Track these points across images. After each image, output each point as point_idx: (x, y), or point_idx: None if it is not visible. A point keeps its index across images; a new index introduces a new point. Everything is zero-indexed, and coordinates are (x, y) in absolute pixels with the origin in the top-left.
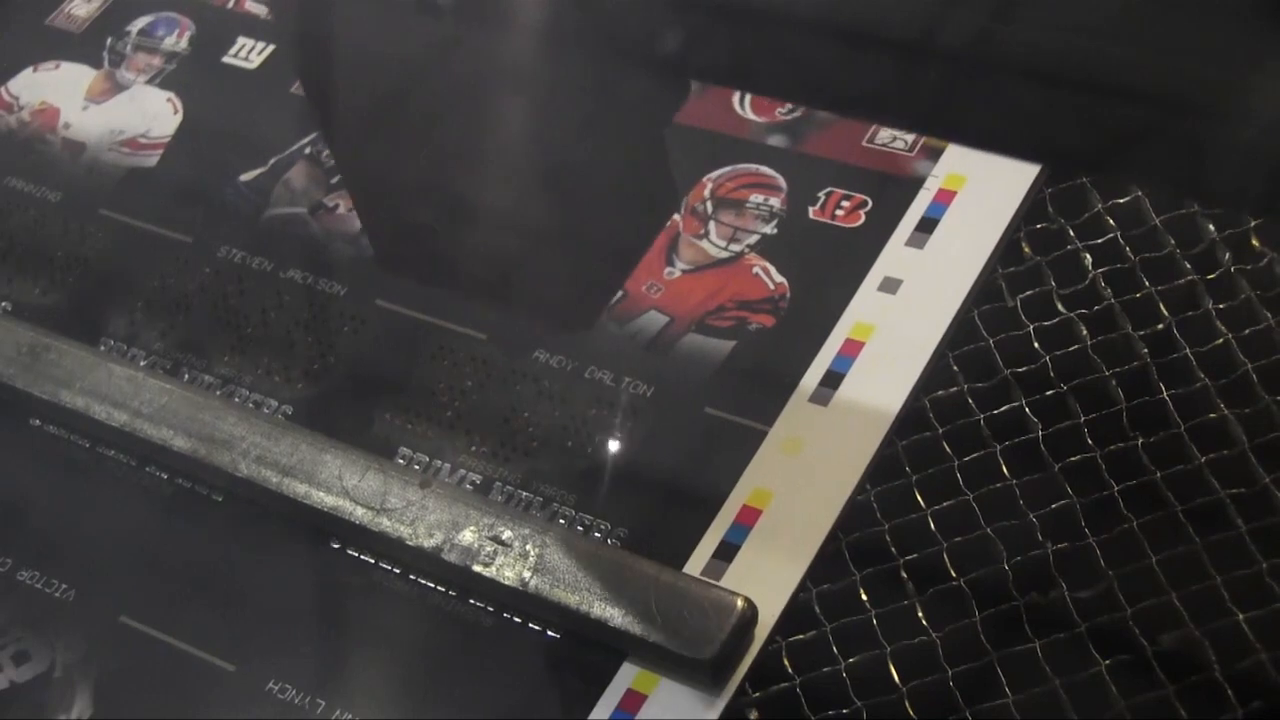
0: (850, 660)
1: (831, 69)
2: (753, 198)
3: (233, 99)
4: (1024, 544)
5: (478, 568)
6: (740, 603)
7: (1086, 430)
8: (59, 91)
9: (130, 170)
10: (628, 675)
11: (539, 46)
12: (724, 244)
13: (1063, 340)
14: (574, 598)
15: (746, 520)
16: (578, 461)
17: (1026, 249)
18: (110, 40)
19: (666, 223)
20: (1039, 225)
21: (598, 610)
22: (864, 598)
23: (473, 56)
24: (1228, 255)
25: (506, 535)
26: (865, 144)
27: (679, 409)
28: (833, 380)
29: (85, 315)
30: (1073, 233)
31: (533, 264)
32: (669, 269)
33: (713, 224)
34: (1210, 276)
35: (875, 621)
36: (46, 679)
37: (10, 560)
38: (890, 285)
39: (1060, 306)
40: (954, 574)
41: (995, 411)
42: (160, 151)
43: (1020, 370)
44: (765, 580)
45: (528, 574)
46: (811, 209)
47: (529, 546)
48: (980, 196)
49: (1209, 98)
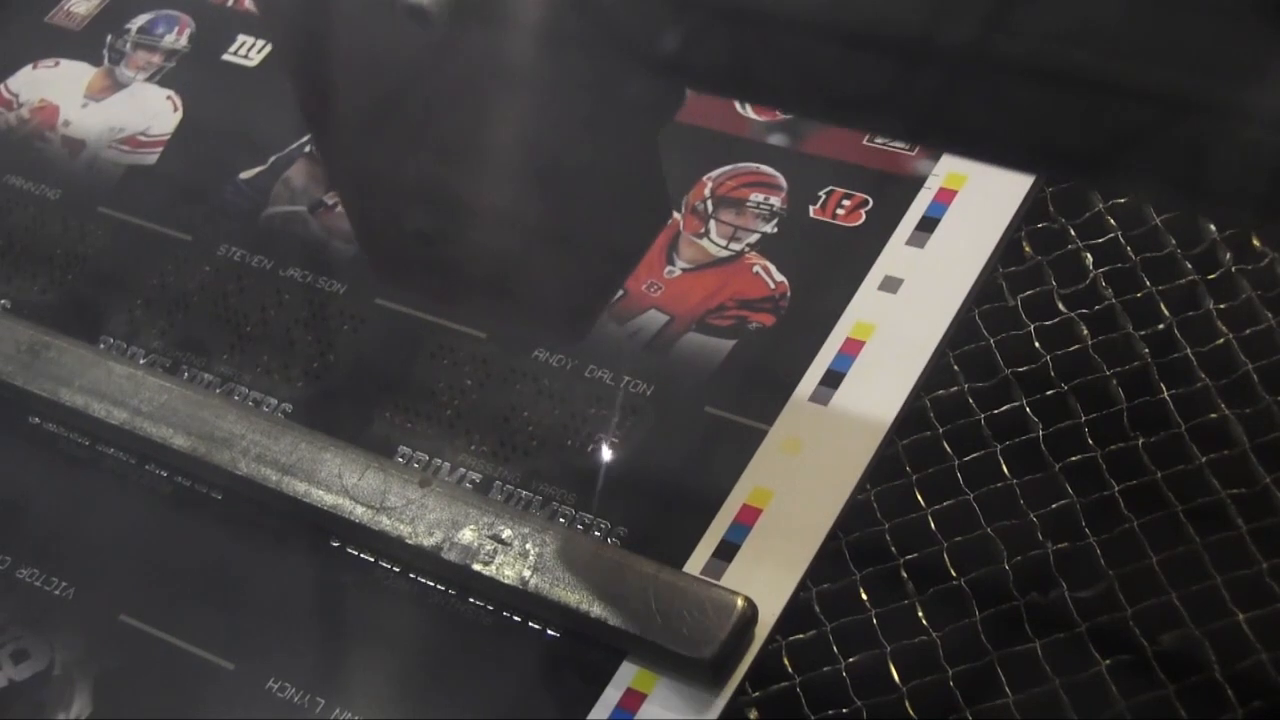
0: (850, 660)
1: (824, 77)
2: (753, 197)
3: (233, 97)
4: (1024, 544)
5: (477, 566)
6: (740, 602)
7: (1087, 430)
8: (58, 89)
9: (130, 168)
10: (627, 674)
11: (525, 50)
12: (724, 243)
13: (1063, 340)
14: (574, 597)
15: (746, 519)
16: (577, 460)
17: (1027, 248)
18: (110, 38)
19: (659, 233)
20: (1040, 225)
21: (597, 609)
22: (864, 597)
23: (460, 59)
24: (1229, 255)
25: (506, 534)
26: (866, 143)
27: (679, 408)
28: (833, 379)
29: (84, 313)
30: (1073, 232)
31: (521, 276)
32: (669, 268)
33: (713, 223)
34: (1211, 276)
35: (875, 621)
36: (45, 677)
37: (9, 558)
38: (891, 284)
39: (1061, 306)
40: (954, 574)
41: (996, 411)
42: (160, 149)
43: (1021, 370)
44: (765, 579)
45: (527, 573)
46: (812, 208)
47: (529, 545)
48: (981, 196)
49: (1208, 99)
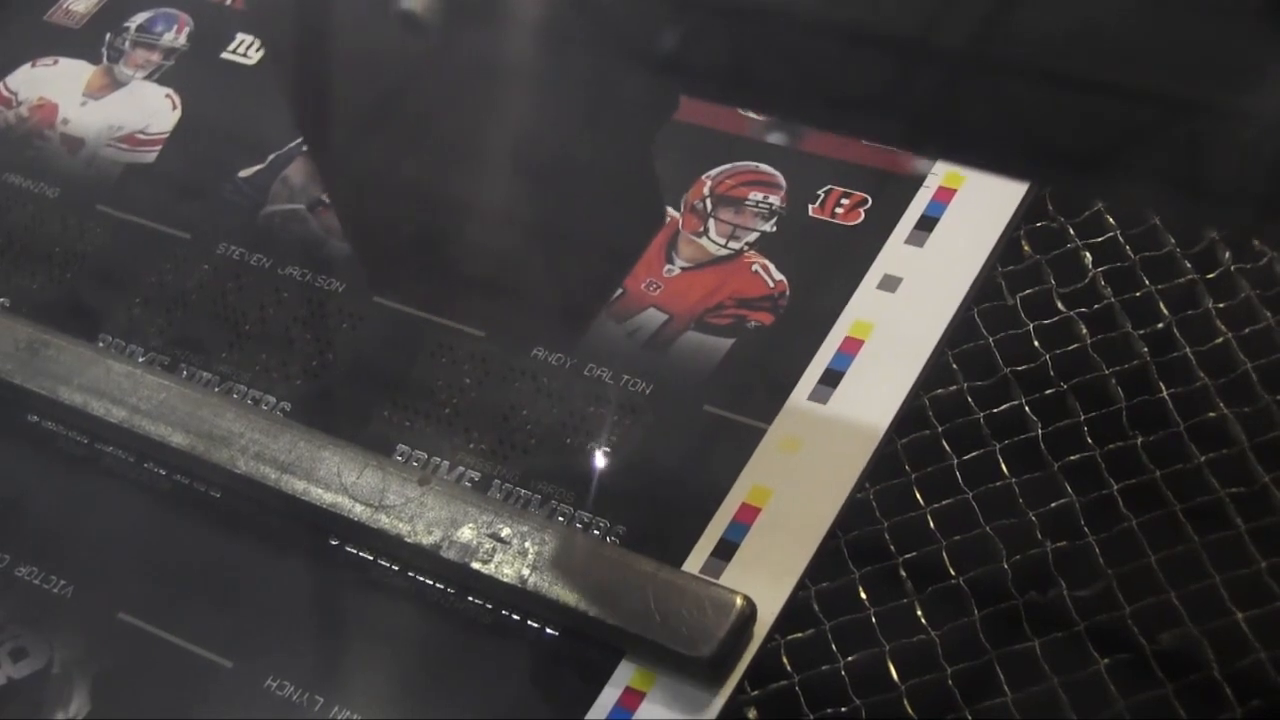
0: (849, 658)
1: (818, 82)
2: (752, 195)
3: (231, 95)
4: (1023, 543)
5: (476, 565)
6: (739, 601)
7: (1086, 429)
8: (57, 87)
9: (128, 166)
10: (626, 673)
11: (518, 55)
12: (723, 241)
13: (1062, 339)
14: (572, 595)
15: (745, 518)
16: (576, 459)
17: (1026, 247)
18: (109, 36)
19: (655, 235)
20: (1039, 224)
21: (596, 608)
22: (863, 596)
23: (452, 63)
24: (1228, 254)
25: (505, 533)
26: (865, 142)
27: (678, 407)
28: (832, 378)
29: (83, 311)
30: (1073, 231)
31: (517, 278)
32: (668, 266)
33: (712, 221)
34: (1210, 275)
35: (874, 620)
36: (44, 675)
37: (8, 556)
38: (890, 283)
39: (1060, 305)
40: (953, 572)
41: (995, 410)
42: (158, 147)
43: (1020, 369)
44: (764, 578)
45: (526, 571)
46: (811, 207)
47: (528, 544)
48: (980, 195)
49: (1203, 102)
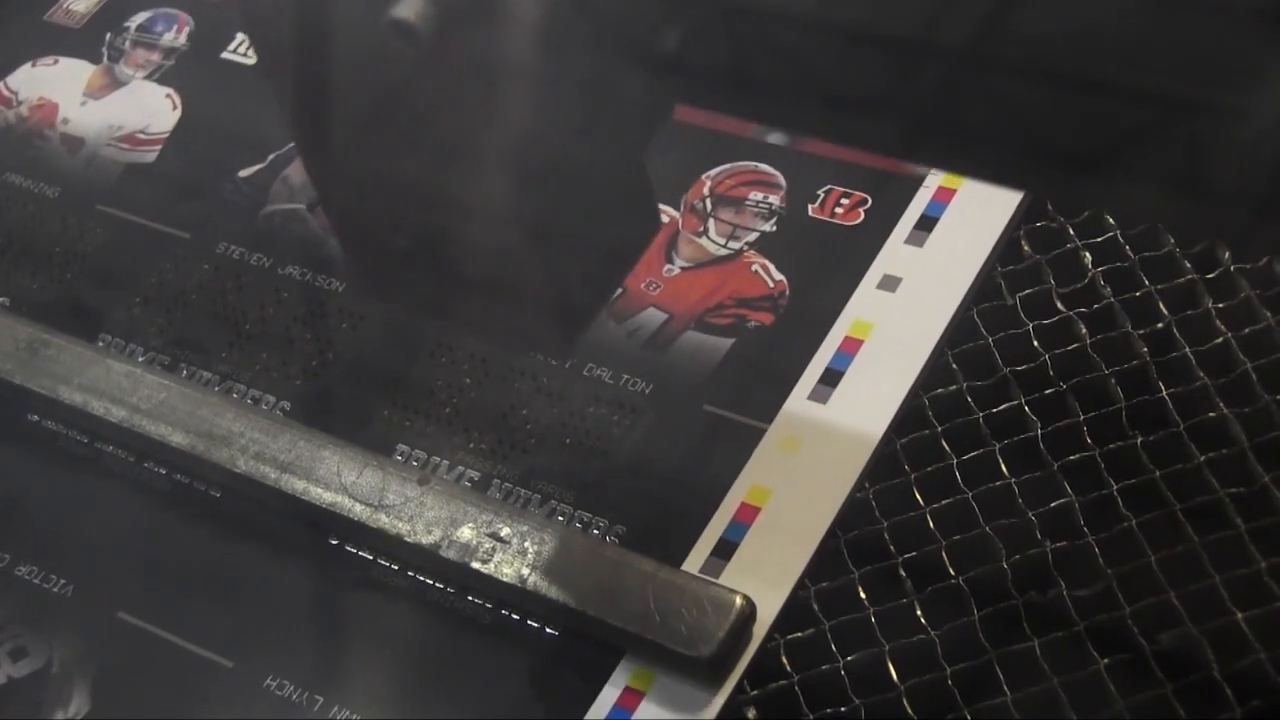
0: (848, 658)
1: (813, 89)
2: (752, 195)
3: (231, 95)
4: (1023, 542)
5: (476, 564)
6: (738, 600)
7: (1086, 429)
8: (58, 87)
9: (128, 166)
10: (625, 672)
11: (510, 64)
12: (723, 241)
13: (1062, 339)
14: (572, 595)
15: (745, 518)
16: (576, 458)
17: (1026, 247)
18: (109, 36)
19: (649, 244)
20: (1038, 223)
21: (596, 607)
22: (862, 596)
23: (443, 71)
24: (1227, 254)
25: (505, 532)
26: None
27: (677, 406)
28: (831, 378)
29: (83, 311)
30: (1072, 231)
31: (508, 289)
32: (668, 266)
33: (712, 221)
34: (1210, 275)
35: (874, 619)
36: (44, 675)
37: (8, 555)
38: (889, 283)
39: (1059, 305)
40: (952, 572)
41: (994, 410)
42: (159, 147)
43: (1019, 369)
44: (764, 578)
45: (526, 571)
46: (811, 207)
47: (527, 543)
48: (980, 195)
49: (1205, 100)
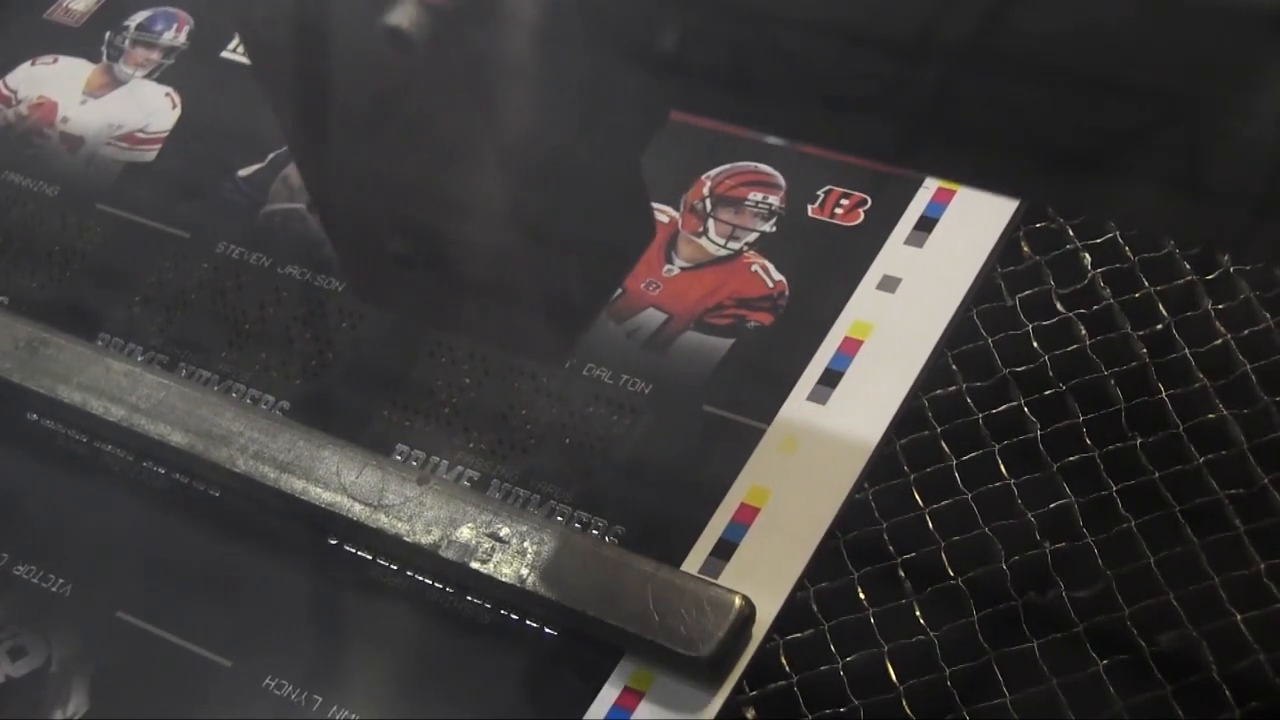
0: (848, 659)
1: (810, 97)
2: (751, 195)
3: (231, 94)
4: (1022, 543)
5: (475, 564)
6: (738, 601)
7: (1085, 430)
8: (57, 85)
9: (128, 165)
10: (625, 673)
11: (503, 74)
12: (723, 241)
13: (1061, 340)
14: (571, 595)
15: (744, 518)
16: (576, 459)
17: (1025, 248)
18: (108, 35)
19: (642, 253)
20: (1038, 224)
21: (595, 608)
22: (862, 596)
23: (435, 79)
24: (1226, 255)
25: (504, 532)
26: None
27: (677, 406)
28: (831, 379)
29: (83, 310)
30: (1072, 232)
31: (501, 300)
32: (667, 266)
33: (711, 221)
34: (1209, 277)
35: (873, 620)
36: (42, 674)
37: (6, 555)
38: (889, 284)
39: (1059, 306)
40: (952, 573)
41: (994, 411)
42: (158, 146)
43: (1019, 369)
44: (763, 578)
45: (525, 571)
46: (810, 207)
47: (527, 543)
48: (979, 195)
49: (1204, 101)
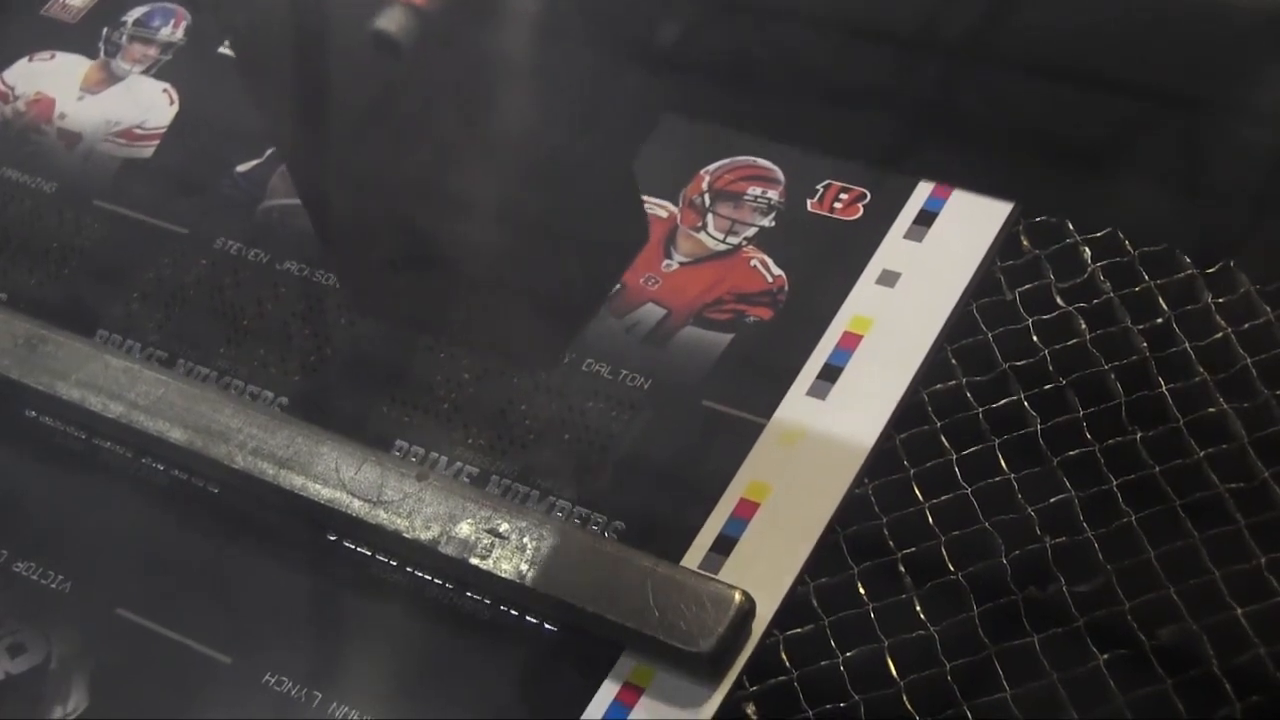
0: (848, 654)
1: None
2: (751, 190)
3: (229, 90)
4: (1022, 538)
5: (475, 560)
6: (738, 596)
7: (1085, 424)
8: (54, 82)
9: (126, 161)
10: (625, 668)
11: (498, 76)
12: (722, 236)
13: (1061, 334)
14: (571, 591)
15: (744, 513)
16: (575, 454)
17: (1025, 242)
18: (106, 30)
19: (636, 256)
20: (1038, 219)
21: (595, 603)
22: (862, 591)
23: (428, 81)
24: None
25: (504, 528)
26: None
27: (677, 401)
28: (831, 373)
29: (81, 307)
30: (1071, 226)
31: (494, 302)
32: (667, 261)
33: (711, 216)
34: (1209, 271)
35: (873, 615)
36: (42, 671)
37: (6, 552)
38: (888, 278)
39: (1059, 300)
40: (952, 568)
41: (994, 405)
42: (156, 142)
43: (1019, 364)
44: (763, 574)
45: (525, 567)
46: (809, 202)
47: (526, 539)
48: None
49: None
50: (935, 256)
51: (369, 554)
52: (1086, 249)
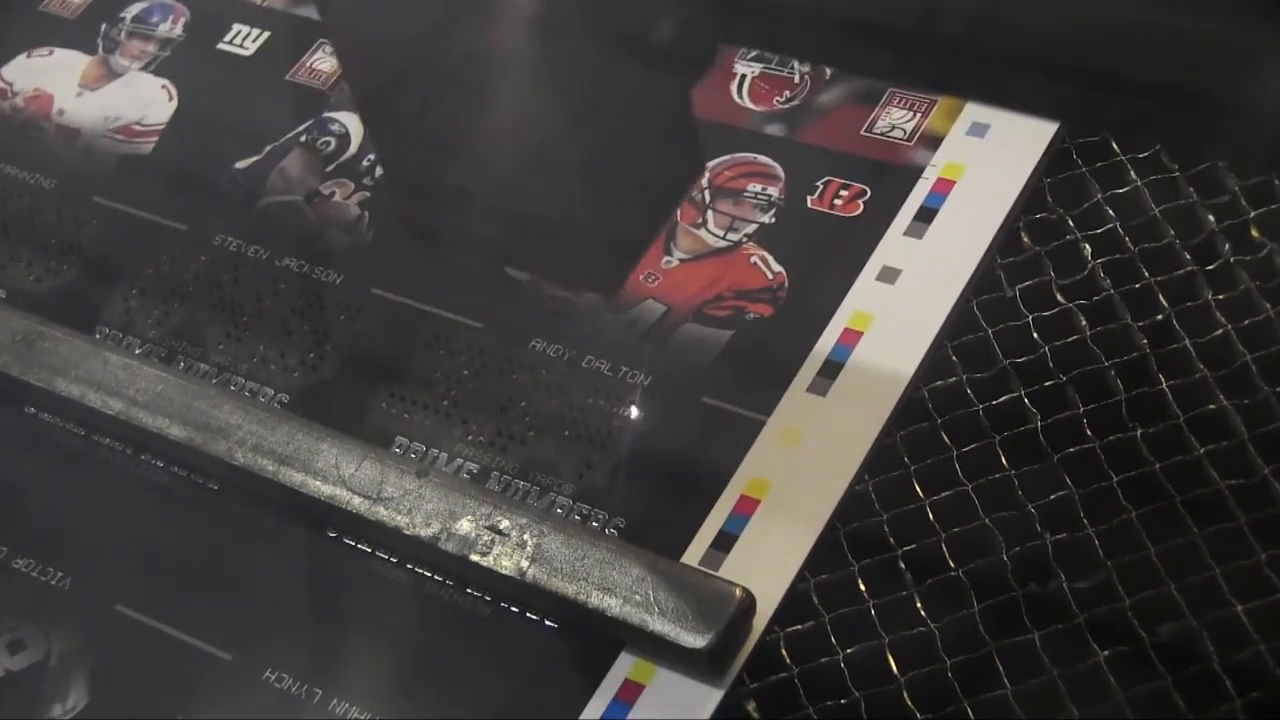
0: (848, 651)
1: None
2: (750, 187)
3: (228, 86)
4: (1022, 534)
5: (475, 557)
6: (738, 593)
7: (1085, 421)
8: (53, 78)
9: (124, 157)
10: (625, 665)
11: (519, 36)
12: (722, 233)
13: (1062, 330)
14: (571, 587)
15: (744, 510)
16: (575, 451)
17: (1026, 239)
18: (104, 26)
19: (690, 185)
20: (1038, 215)
21: (595, 600)
22: (862, 588)
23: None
24: (1227, 246)
25: (504, 524)
26: (863, 133)
27: (676, 398)
28: (831, 370)
29: (80, 303)
30: (1072, 223)
31: (560, 224)
32: (666, 258)
33: (710, 213)
34: (1210, 267)
35: (873, 612)
36: (41, 668)
37: (5, 548)
38: (889, 275)
39: (1059, 297)
40: (952, 564)
41: (994, 402)
42: (155, 139)
43: (1019, 360)
44: (763, 570)
45: (525, 563)
46: (809, 198)
47: (526, 536)
48: (979, 186)
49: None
50: (935, 253)
51: (369, 550)
52: (1087, 245)
